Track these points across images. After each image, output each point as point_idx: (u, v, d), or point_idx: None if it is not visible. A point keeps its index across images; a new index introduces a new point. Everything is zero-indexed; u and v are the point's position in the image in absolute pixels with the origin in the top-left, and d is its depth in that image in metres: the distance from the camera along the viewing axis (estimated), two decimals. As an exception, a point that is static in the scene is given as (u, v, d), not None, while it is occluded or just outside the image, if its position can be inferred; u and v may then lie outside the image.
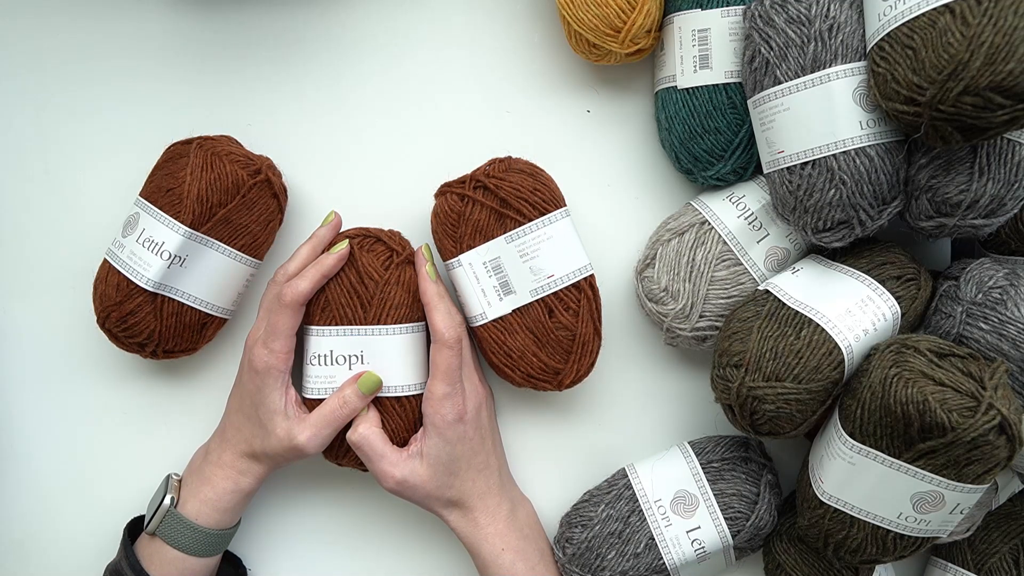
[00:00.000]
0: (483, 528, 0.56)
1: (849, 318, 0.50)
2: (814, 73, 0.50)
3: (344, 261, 0.56)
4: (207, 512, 0.55)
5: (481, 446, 0.56)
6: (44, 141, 0.63)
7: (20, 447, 0.63)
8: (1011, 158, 0.49)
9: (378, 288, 0.55)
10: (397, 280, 0.56)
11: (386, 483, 0.55)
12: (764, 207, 0.57)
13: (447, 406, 0.54)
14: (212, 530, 0.56)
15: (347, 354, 0.55)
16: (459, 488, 0.55)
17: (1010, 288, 0.51)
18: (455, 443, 0.54)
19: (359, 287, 0.55)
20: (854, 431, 0.48)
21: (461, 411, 0.54)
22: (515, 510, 0.58)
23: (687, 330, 0.56)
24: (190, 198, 0.55)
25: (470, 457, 0.55)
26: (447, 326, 0.54)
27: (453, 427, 0.54)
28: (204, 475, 0.56)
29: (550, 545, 0.59)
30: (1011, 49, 0.42)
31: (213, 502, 0.56)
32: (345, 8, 0.63)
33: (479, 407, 0.56)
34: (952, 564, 0.56)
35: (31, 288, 0.63)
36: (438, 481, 0.55)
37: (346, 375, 0.55)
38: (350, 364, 0.55)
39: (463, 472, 0.55)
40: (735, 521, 0.55)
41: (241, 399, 0.56)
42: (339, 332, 0.55)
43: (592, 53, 0.58)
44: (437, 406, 0.54)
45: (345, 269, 0.56)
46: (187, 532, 0.55)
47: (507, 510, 0.57)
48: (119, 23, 0.63)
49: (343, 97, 0.63)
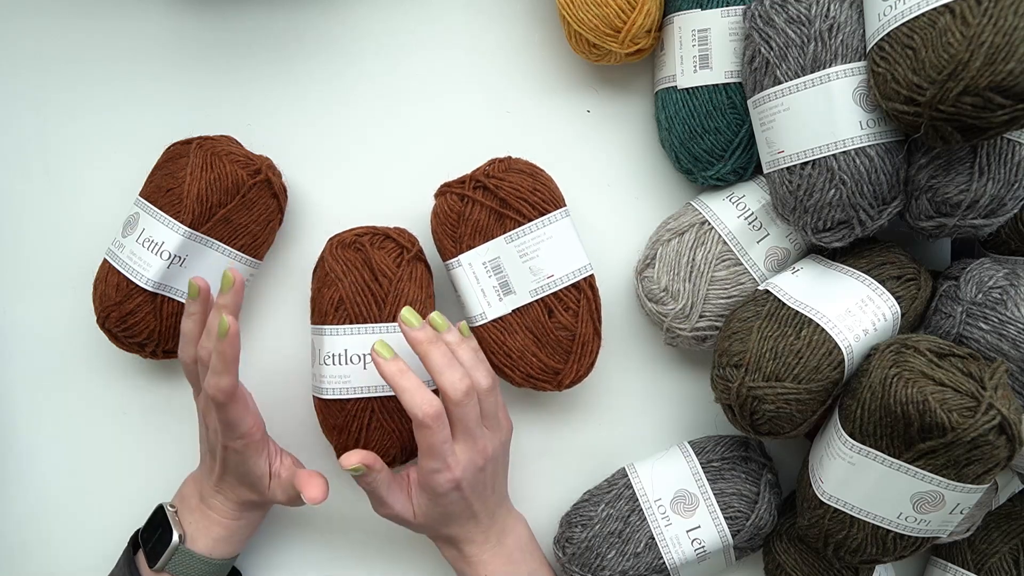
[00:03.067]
0: (468, 557, 0.55)
1: (849, 318, 0.50)
2: (814, 73, 0.50)
3: (237, 341, 0.49)
4: (221, 547, 0.55)
5: (477, 500, 0.53)
6: (44, 141, 0.63)
7: (20, 447, 0.63)
8: (1011, 158, 0.49)
9: (392, 285, 0.55)
10: (410, 276, 0.55)
11: (378, 511, 0.54)
12: (764, 207, 0.57)
13: (439, 479, 0.51)
14: (224, 560, 0.56)
15: (361, 353, 0.54)
16: (448, 531, 0.54)
17: (1010, 288, 0.51)
18: (447, 505, 0.52)
19: (373, 285, 0.54)
20: (854, 431, 0.48)
21: (456, 481, 0.51)
22: (503, 539, 0.56)
23: (687, 330, 0.56)
24: (190, 198, 0.55)
25: (462, 510, 0.53)
26: (415, 405, 0.48)
27: (446, 495, 0.52)
28: (210, 517, 0.55)
29: (545, 562, 0.58)
30: (1011, 49, 0.42)
31: (226, 539, 0.55)
32: (345, 8, 0.63)
33: (479, 471, 0.52)
34: (952, 564, 0.56)
35: (31, 288, 0.63)
36: (428, 526, 0.54)
37: (360, 374, 0.54)
38: (364, 363, 0.55)
39: (454, 524, 0.54)
40: (735, 521, 0.55)
41: (225, 467, 0.54)
42: (354, 331, 0.54)
43: (592, 53, 0.58)
44: (427, 479, 0.51)
45: (359, 267, 0.55)
46: (200, 565, 0.54)
47: (495, 541, 0.56)
48: (119, 23, 0.63)
49: (343, 97, 0.63)
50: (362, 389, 0.55)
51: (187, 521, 0.55)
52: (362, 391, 0.55)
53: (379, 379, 0.54)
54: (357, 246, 0.56)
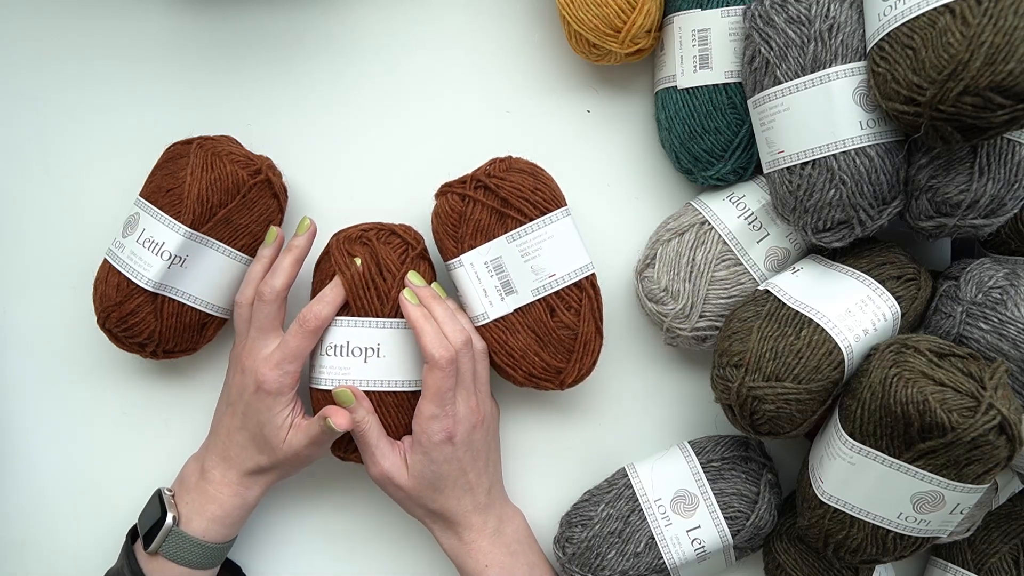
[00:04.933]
0: (467, 544, 0.55)
1: (849, 318, 0.50)
2: (814, 73, 0.50)
3: (313, 238, 0.57)
4: (215, 529, 0.55)
5: (471, 466, 0.55)
6: (44, 141, 0.63)
7: (20, 447, 0.63)
8: (1011, 158, 0.49)
9: (396, 281, 0.55)
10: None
11: (370, 470, 0.55)
12: (764, 207, 0.57)
13: (434, 427, 0.53)
14: (218, 544, 0.56)
15: (363, 346, 0.55)
16: (442, 504, 0.55)
17: (1010, 288, 0.51)
18: (440, 463, 0.53)
19: (378, 279, 0.55)
20: (854, 431, 0.48)
21: (450, 432, 0.53)
22: (502, 527, 0.57)
23: (687, 330, 0.56)
24: (190, 198, 0.55)
25: (456, 477, 0.54)
26: (435, 346, 0.52)
27: (440, 448, 0.53)
28: (208, 494, 0.55)
29: (543, 556, 0.59)
30: (1011, 49, 0.42)
31: (221, 519, 0.55)
32: (345, 8, 0.63)
33: (473, 428, 0.54)
34: (952, 564, 0.56)
35: (31, 288, 0.63)
36: (420, 492, 0.54)
37: (360, 368, 0.55)
38: (365, 356, 0.55)
39: (448, 490, 0.54)
40: (735, 520, 0.55)
41: (244, 418, 0.55)
42: (359, 323, 0.55)
43: (592, 53, 0.58)
44: (424, 425, 0.53)
45: (366, 260, 0.55)
46: (193, 549, 0.54)
47: (493, 527, 0.56)
48: (119, 23, 0.63)
49: (343, 97, 0.63)
50: (360, 382, 0.55)
51: (183, 502, 0.56)
52: (360, 384, 0.55)
53: (379, 374, 0.55)
54: (363, 240, 0.56)
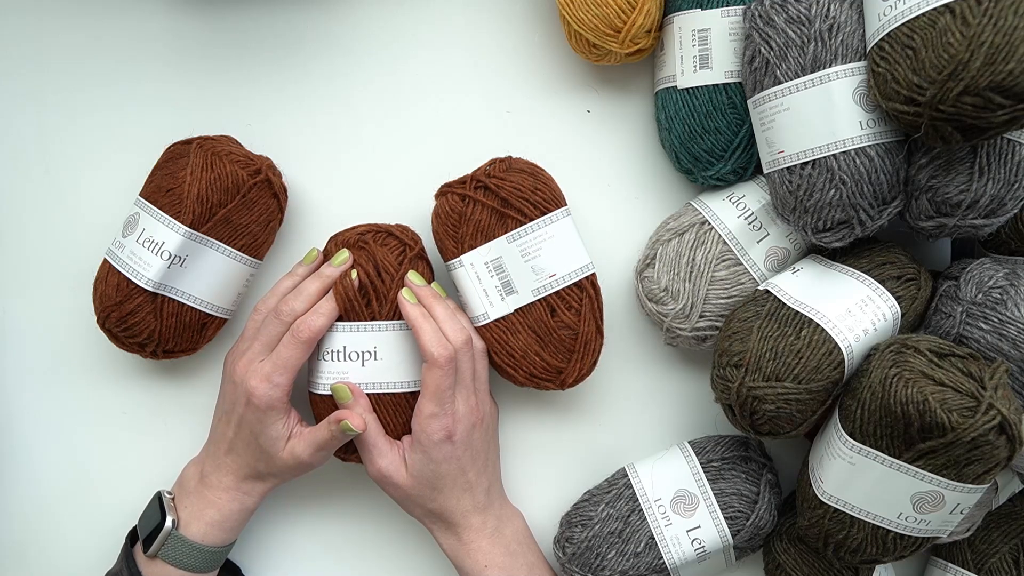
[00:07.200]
0: (467, 544, 0.55)
1: (849, 318, 0.50)
2: (814, 73, 0.50)
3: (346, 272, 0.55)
4: (214, 533, 0.55)
5: (470, 465, 0.55)
6: (44, 141, 0.63)
7: (20, 447, 0.63)
8: (1011, 158, 0.49)
9: (394, 283, 0.55)
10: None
11: (369, 469, 0.55)
12: (764, 207, 0.57)
13: (434, 425, 0.53)
14: (217, 548, 0.56)
15: (360, 350, 0.55)
16: (441, 503, 0.55)
17: (1010, 288, 0.51)
18: (440, 462, 0.53)
19: (376, 281, 0.55)
20: (854, 431, 0.48)
21: (449, 431, 0.53)
22: (501, 527, 0.57)
23: (687, 330, 0.56)
24: (190, 198, 0.55)
25: (455, 476, 0.54)
26: (434, 345, 0.52)
27: (439, 447, 0.53)
28: (207, 498, 0.55)
29: (542, 557, 0.59)
30: (1011, 49, 0.42)
31: (220, 524, 0.55)
32: (345, 8, 0.63)
33: (472, 427, 0.54)
34: (952, 564, 0.56)
35: (31, 288, 0.63)
36: (419, 491, 0.54)
37: (359, 371, 0.55)
38: (363, 360, 0.55)
39: (447, 489, 0.54)
40: (735, 520, 0.55)
41: (239, 428, 0.55)
42: (354, 328, 0.55)
43: (592, 53, 0.58)
44: (424, 424, 0.53)
45: (363, 263, 0.55)
46: (192, 552, 0.54)
47: (492, 527, 0.56)
48: (119, 23, 0.63)
49: (343, 97, 0.63)
50: (359, 385, 0.55)
51: (183, 506, 0.56)
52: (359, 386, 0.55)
53: (377, 377, 0.55)
54: (360, 243, 0.56)
